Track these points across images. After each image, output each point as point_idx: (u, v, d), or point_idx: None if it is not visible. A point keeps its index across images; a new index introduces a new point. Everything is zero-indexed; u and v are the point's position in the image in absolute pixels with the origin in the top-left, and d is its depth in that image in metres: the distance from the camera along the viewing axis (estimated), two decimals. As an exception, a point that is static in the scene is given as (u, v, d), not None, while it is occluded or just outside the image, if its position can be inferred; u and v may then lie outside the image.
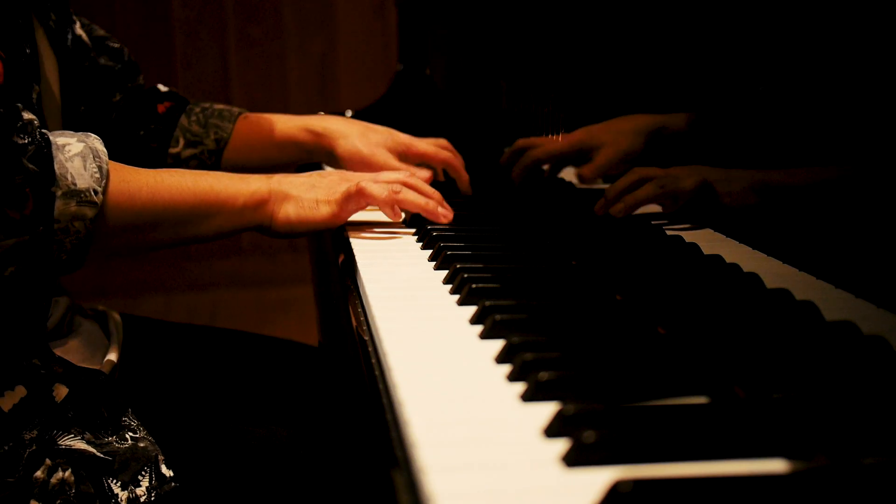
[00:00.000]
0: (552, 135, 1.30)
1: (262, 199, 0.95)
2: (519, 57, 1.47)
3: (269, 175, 0.98)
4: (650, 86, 1.08)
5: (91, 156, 0.82)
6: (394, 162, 1.19)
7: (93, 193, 0.80)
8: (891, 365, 0.59)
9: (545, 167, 1.29)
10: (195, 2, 3.19)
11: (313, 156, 1.26)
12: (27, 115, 0.80)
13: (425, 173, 1.17)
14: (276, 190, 0.96)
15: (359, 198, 0.98)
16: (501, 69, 1.54)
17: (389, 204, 0.99)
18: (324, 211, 0.97)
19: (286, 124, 1.25)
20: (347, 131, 1.22)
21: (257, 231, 0.97)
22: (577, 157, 1.17)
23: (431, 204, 1.01)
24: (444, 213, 1.02)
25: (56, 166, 0.79)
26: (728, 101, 0.92)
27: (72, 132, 0.84)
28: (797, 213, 0.80)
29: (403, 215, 1.04)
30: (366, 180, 0.99)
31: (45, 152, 0.79)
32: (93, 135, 0.84)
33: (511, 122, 1.48)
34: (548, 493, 0.46)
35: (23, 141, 0.78)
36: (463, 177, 1.24)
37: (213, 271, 3.30)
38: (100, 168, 0.82)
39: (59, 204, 0.78)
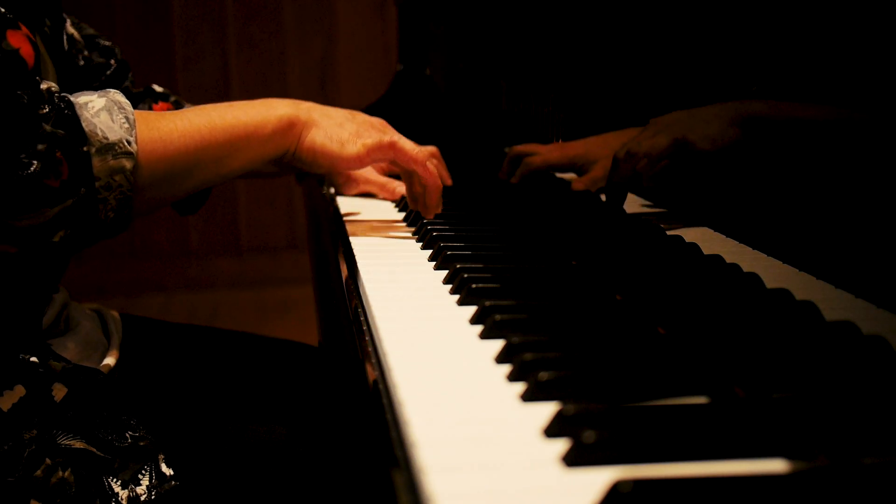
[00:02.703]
0: (551, 136, 1.30)
1: (290, 123, 0.93)
2: (519, 57, 1.47)
3: (297, 101, 0.97)
4: (649, 86, 1.08)
5: (115, 108, 0.80)
6: (374, 176, 1.23)
7: (126, 144, 0.79)
8: (891, 365, 0.59)
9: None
10: (195, 2, 3.19)
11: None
12: (44, 85, 0.79)
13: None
14: (304, 116, 0.94)
15: (389, 150, 0.96)
16: (501, 69, 1.54)
17: (423, 160, 0.97)
18: (350, 150, 0.95)
19: None
20: None
21: (278, 164, 0.95)
22: (573, 168, 1.19)
23: (440, 189, 1.01)
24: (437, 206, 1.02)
25: (84, 124, 0.78)
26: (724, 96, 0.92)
27: (90, 90, 0.83)
28: (797, 212, 0.80)
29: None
30: (398, 135, 0.97)
31: (66, 114, 0.77)
32: (112, 89, 0.83)
33: (511, 123, 1.48)
34: (548, 493, 0.46)
35: (44, 110, 0.77)
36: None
37: (213, 271, 3.30)
38: (127, 118, 0.80)
39: (95, 161, 0.78)
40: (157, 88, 1.28)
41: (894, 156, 0.68)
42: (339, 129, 0.95)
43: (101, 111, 0.79)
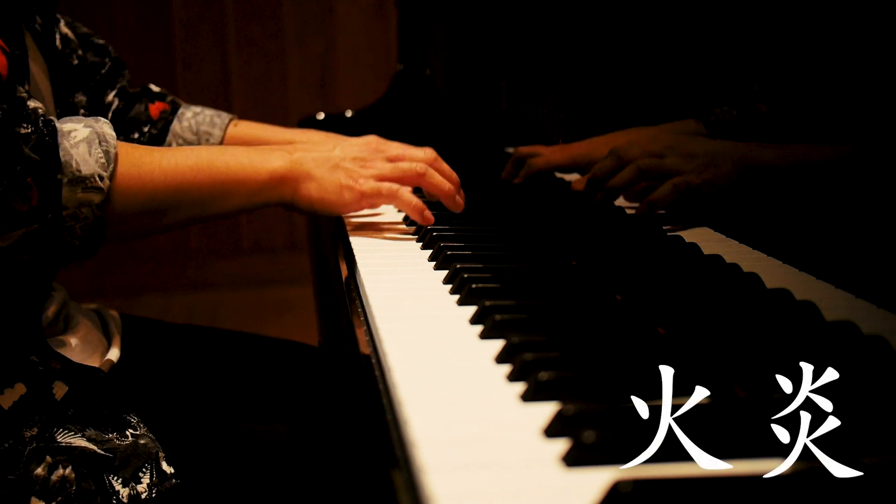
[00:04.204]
0: (551, 136, 1.30)
1: (281, 178, 0.94)
2: (519, 57, 1.47)
3: (290, 149, 0.97)
4: (649, 86, 1.08)
5: (97, 140, 0.81)
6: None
7: (97, 179, 0.79)
8: (891, 365, 0.59)
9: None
10: (195, 2, 3.19)
11: None
12: (32, 104, 0.79)
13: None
14: (297, 169, 0.95)
15: (389, 199, 0.98)
16: (501, 69, 1.54)
17: (419, 211, 0.99)
18: (347, 197, 0.97)
19: (274, 137, 1.25)
20: None
21: (278, 206, 0.97)
22: (577, 168, 1.19)
23: (452, 189, 1.03)
24: (458, 202, 1.04)
25: (61, 153, 0.78)
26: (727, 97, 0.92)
27: (81, 117, 0.83)
28: (797, 213, 0.80)
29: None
30: (396, 187, 0.98)
31: (47, 141, 0.78)
32: (103, 119, 0.84)
33: (511, 123, 1.48)
34: (548, 493, 0.46)
35: (25, 130, 0.77)
36: (453, 179, 1.26)
37: (213, 271, 3.30)
38: (106, 153, 0.81)
39: (65, 191, 0.78)
40: (154, 88, 1.28)
41: (893, 157, 0.68)
42: (335, 172, 0.97)
43: (82, 142, 0.80)
